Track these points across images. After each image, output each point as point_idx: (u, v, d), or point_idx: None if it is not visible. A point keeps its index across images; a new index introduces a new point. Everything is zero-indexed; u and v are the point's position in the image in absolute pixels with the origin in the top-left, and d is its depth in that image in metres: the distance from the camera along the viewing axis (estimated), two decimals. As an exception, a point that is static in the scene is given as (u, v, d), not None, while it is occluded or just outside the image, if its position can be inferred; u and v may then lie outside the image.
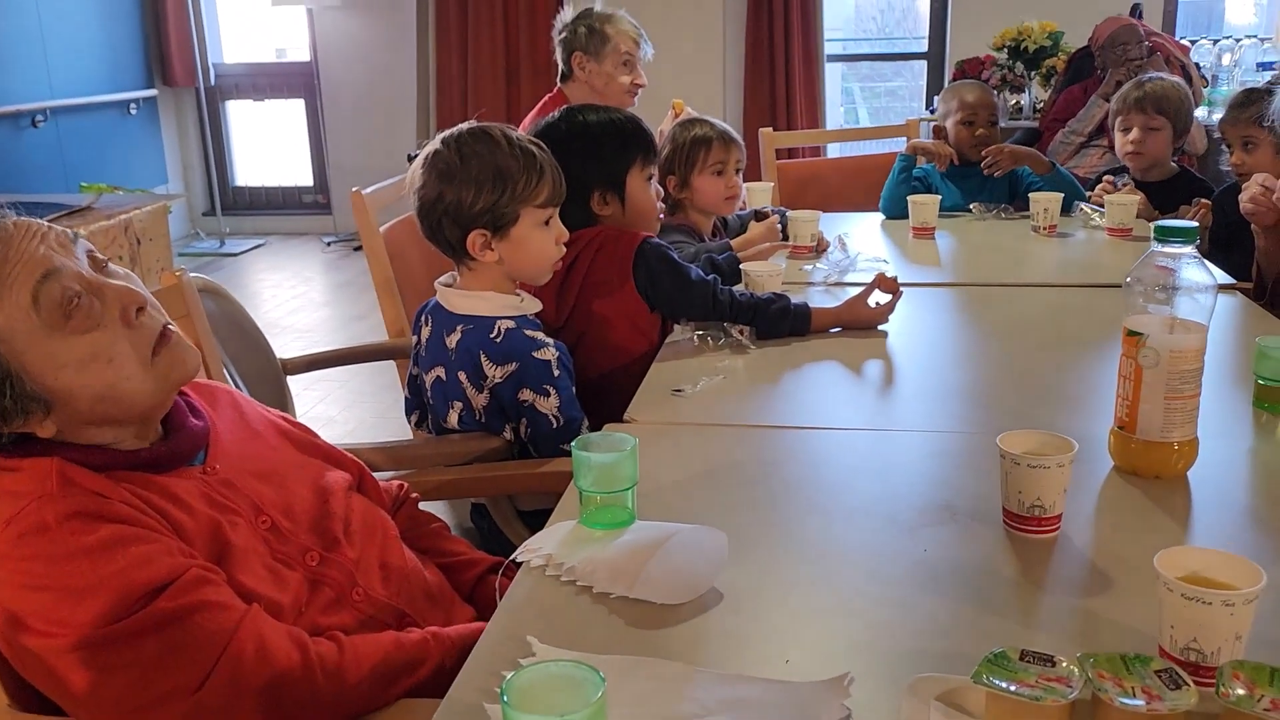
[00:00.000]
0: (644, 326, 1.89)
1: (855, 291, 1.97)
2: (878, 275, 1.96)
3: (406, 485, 1.50)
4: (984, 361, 1.84)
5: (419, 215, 1.67)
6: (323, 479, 1.30)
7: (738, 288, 1.96)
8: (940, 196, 2.75)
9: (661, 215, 2.09)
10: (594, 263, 1.87)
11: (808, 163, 4.15)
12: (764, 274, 2.00)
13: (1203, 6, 7.04)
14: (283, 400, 1.98)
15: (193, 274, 1.68)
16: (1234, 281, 2.28)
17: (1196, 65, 4.67)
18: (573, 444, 1.18)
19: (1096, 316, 2.03)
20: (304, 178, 7.06)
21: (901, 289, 1.95)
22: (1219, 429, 1.39)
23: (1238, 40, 5.37)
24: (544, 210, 1.65)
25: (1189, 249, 1.25)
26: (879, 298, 1.94)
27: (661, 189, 2.09)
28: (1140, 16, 4.71)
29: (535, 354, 1.64)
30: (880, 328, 1.92)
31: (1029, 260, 2.52)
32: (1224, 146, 2.72)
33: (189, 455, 1.16)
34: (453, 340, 1.67)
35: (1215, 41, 5.36)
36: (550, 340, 1.67)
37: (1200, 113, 4.31)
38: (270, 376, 1.91)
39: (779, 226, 2.45)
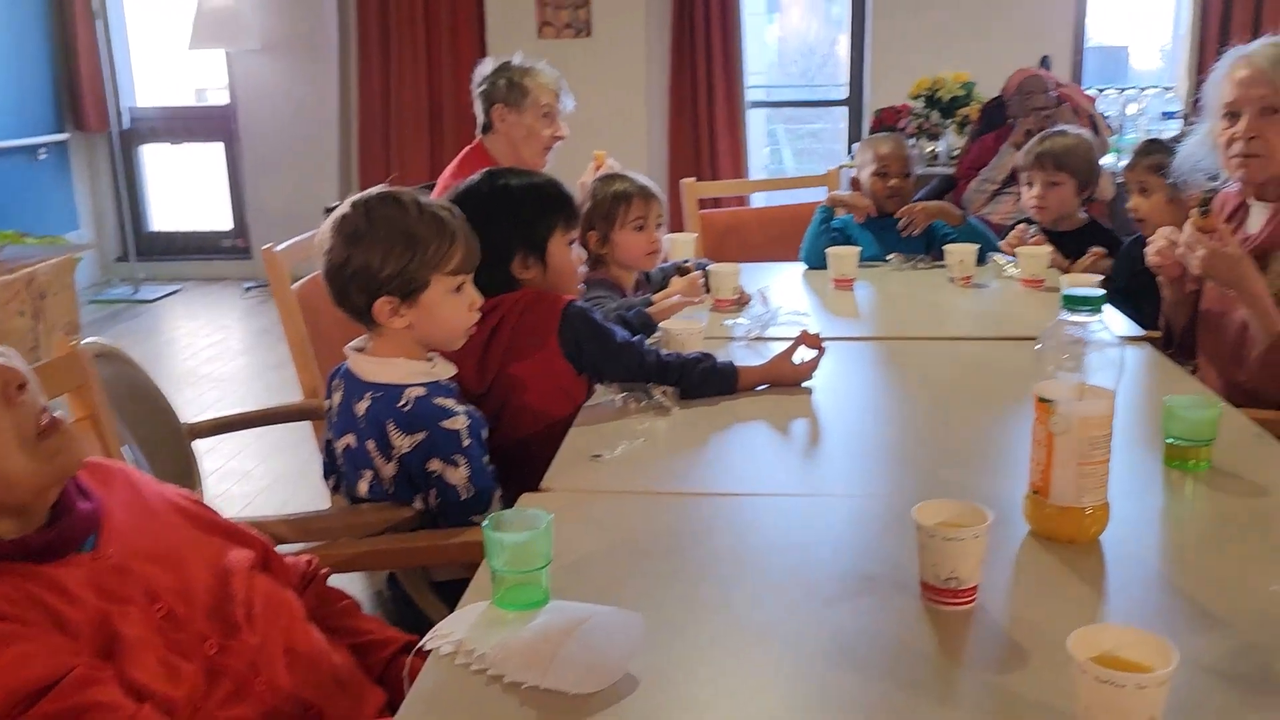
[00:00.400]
0: (569, 389, 1.86)
1: (778, 346, 1.97)
2: (801, 333, 1.97)
3: (315, 560, 1.44)
4: (904, 420, 1.85)
5: (326, 279, 1.63)
6: (224, 559, 1.24)
7: (664, 349, 1.95)
8: (859, 248, 2.78)
9: (584, 273, 2.07)
10: (518, 327, 1.84)
11: (730, 213, 4.18)
12: (684, 332, 1.99)
13: (1110, 55, 7.31)
14: (188, 467, 1.91)
15: (90, 339, 1.63)
16: (1143, 332, 2.33)
17: (1104, 115, 4.82)
18: (484, 523, 1.15)
19: (1012, 370, 2.05)
20: (223, 222, 6.92)
21: (824, 345, 1.96)
22: (1130, 489, 1.40)
23: (1142, 90, 5.57)
24: (455, 277, 1.62)
25: (1097, 317, 1.26)
26: (803, 354, 1.94)
27: (584, 250, 2.07)
28: (1049, 67, 4.87)
29: (443, 423, 1.60)
30: (804, 384, 1.92)
31: (947, 311, 2.55)
32: (1126, 192, 2.81)
33: (77, 541, 1.10)
34: (361, 408, 1.63)
35: (1121, 91, 5.55)
36: (461, 409, 1.63)
37: (1109, 159, 4.44)
38: (173, 442, 1.84)
39: (701, 281, 2.45)
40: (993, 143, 4.34)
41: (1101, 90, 5.49)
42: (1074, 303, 1.26)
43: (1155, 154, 2.66)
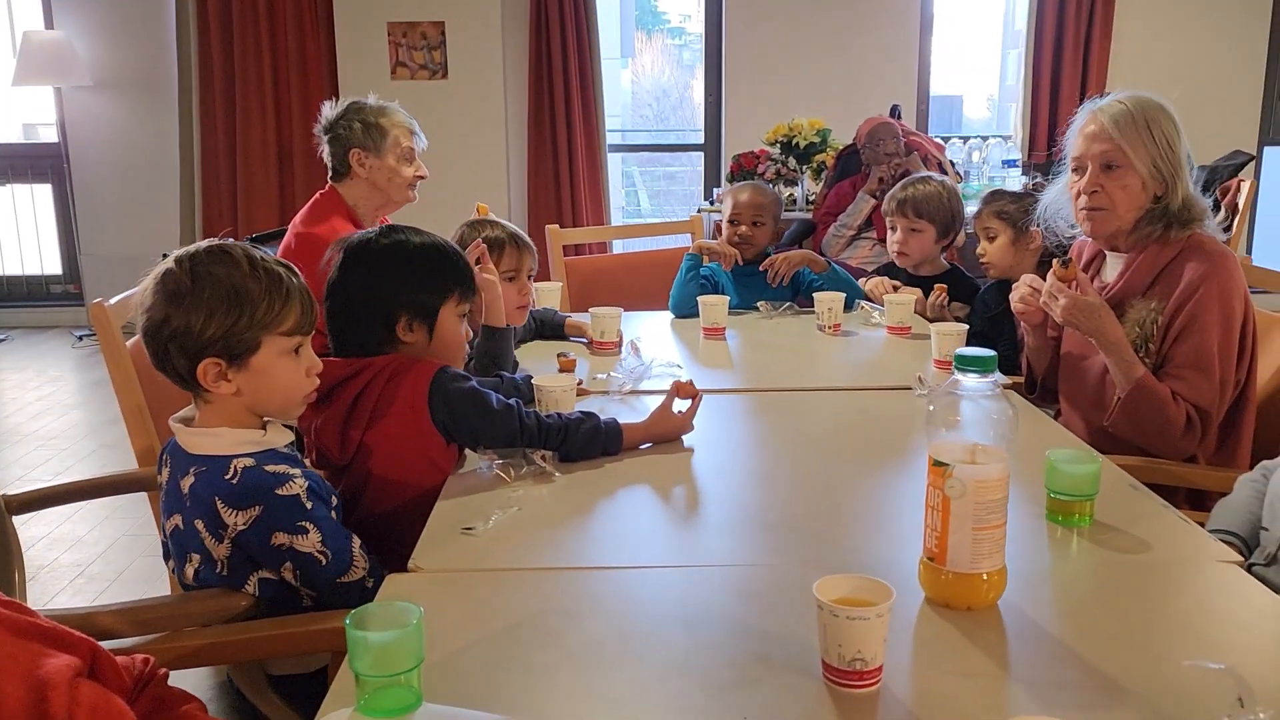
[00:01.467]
0: (438, 460, 1.73)
1: (652, 400, 1.91)
2: (675, 383, 1.90)
3: (152, 660, 1.28)
4: (787, 479, 1.79)
5: (144, 339, 1.48)
6: (40, 669, 1.07)
7: (538, 408, 1.86)
8: (729, 297, 2.75)
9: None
10: (384, 394, 1.70)
11: (596, 259, 4.12)
12: (557, 389, 1.90)
13: (946, 103, 7.64)
14: (5, 544, 1.70)
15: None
16: (1006, 379, 2.36)
17: (951, 162, 4.98)
18: (346, 620, 1.03)
19: (889, 420, 2.04)
20: (52, 266, 6.48)
21: (701, 393, 1.89)
22: (1018, 547, 1.37)
23: (985, 139, 5.80)
24: (290, 338, 1.49)
25: (989, 377, 1.23)
26: (680, 405, 1.87)
27: (471, 331, 1.94)
28: (899, 116, 5.00)
29: (279, 490, 1.44)
30: (686, 443, 1.85)
31: (819, 360, 2.53)
32: (975, 239, 2.89)
33: None
34: (186, 485, 1.47)
35: (965, 140, 5.77)
36: (297, 470, 1.48)
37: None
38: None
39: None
40: (849, 189, 4.42)
41: (947, 139, 5.69)
42: (966, 363, 1.23)
43: (998, 201, 2.78)
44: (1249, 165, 5.29)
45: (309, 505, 1.46)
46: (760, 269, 2.99)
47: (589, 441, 1.76)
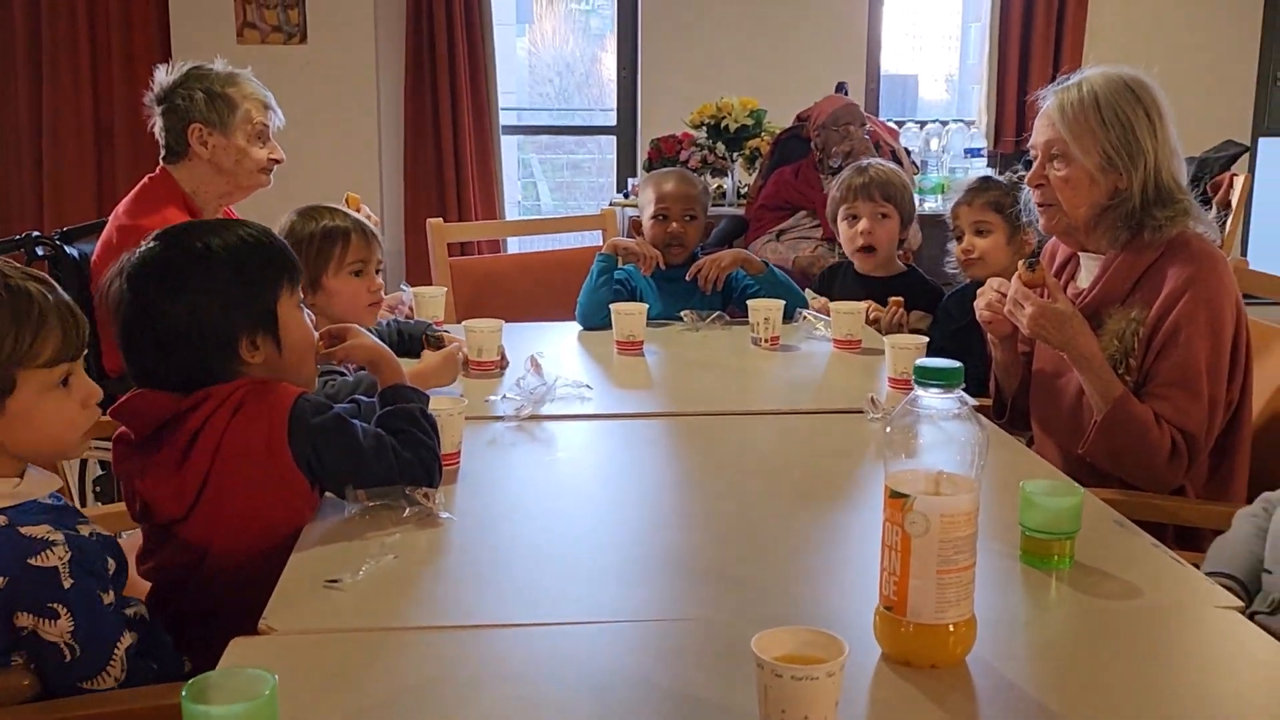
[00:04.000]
0: (298, 503, 1.68)
1: (555, 425, 1.95)
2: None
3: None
4: (717, 517, 1.79)
5: None
6: None
7: None
8: (647, 305, 2.76)
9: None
10: (229, 430, 1.64)
11: (488, 260, 4.12)
12: (444, 412, 1.88)
13: (900, 83, 7.80)
14: None
15: None
16: (972, 401, 2.40)
17: (906, 150, 5.09)
18: (183, 692, 1.00)
19: (835, 450, 2.07)
20: None
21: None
22: (988, 595, 1.39)
23: (944, 124, 5.94)
24: (52, 369, 1.44)
25: (955, 392, 1.25)
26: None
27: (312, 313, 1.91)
28: (846, 93, 5.09)
29: (32, 560, 1.38)
30: (598, 476, 1.85)
31: (754, 380, 2.56)
32: (953, 233, 2.92)
33: None
34: None
35: (922, 125, 5.90)
36: (59, 535, 1.42)
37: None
38: None
39: (461, 356, 2.36)
40: (791, 176, 4.48)
41: (901, 124, 5.81)
42: (928, 376, 1.25)
43: (992, 190, 2.80)
44: (1242, 158, 5.50)
45: (68, 583, 1.40)
46: (687, 277, 3.02)
47: (427, 437, 1.74)
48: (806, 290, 3.11)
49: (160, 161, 2.82)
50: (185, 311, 1.66)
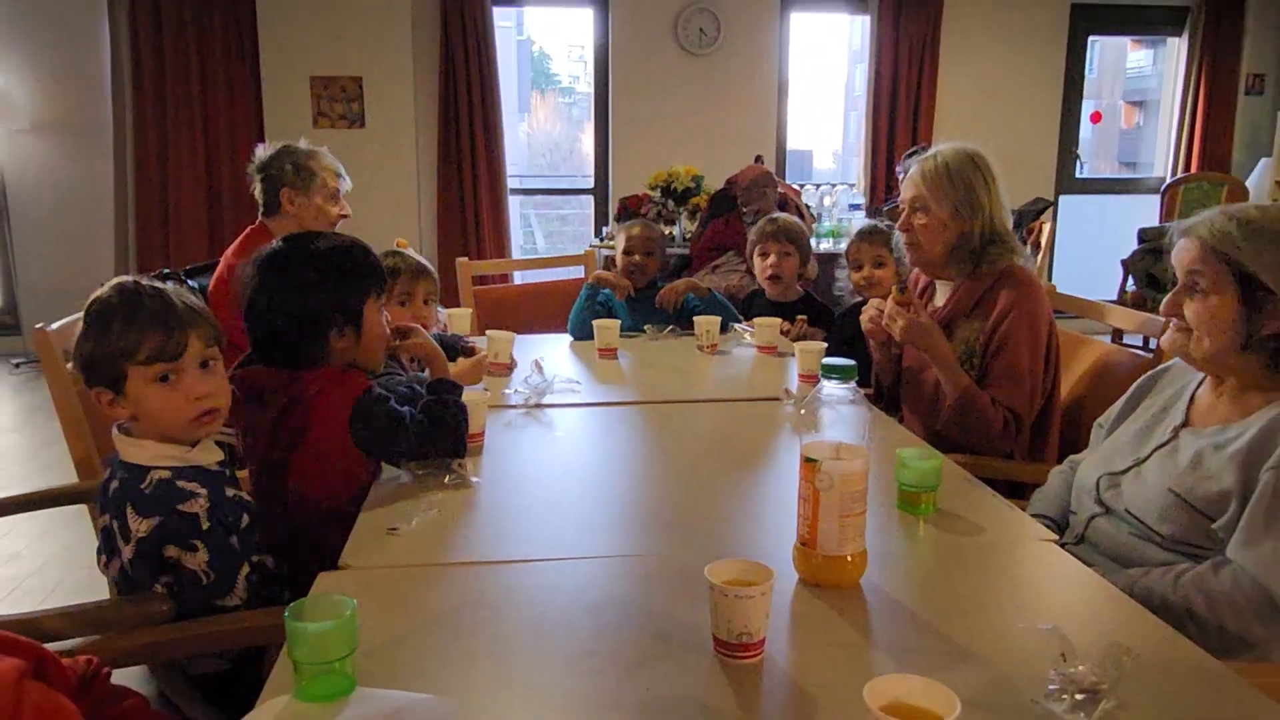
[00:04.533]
0: (357, 472, 1.65)
1: (555, 413, 1.92)
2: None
3: (96, 660, 1.19)
4: (676, 479, 1.77)
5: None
6: (-14, 673, 0.99)
7: None
8: (620, 320, 2.74)
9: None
10: (313, 407, 1.62)
11: (502, 288, 4.07)
12: (469, 403, 1.85)
13: (800, 156, 7.83)
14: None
15: None
16: (862, 390, 2.40)
17: (807, 205, 5.09)
18: (285, 612, 0.98)
19: (760, 427, 2.06)
20: (-11, 297, 6.09)
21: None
22: (875, 534, 1.39)
23: (833, 186, 5.95)
24: (151, 366, 1.37)
25: (850, 383, 1.25)
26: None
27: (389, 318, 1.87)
28: (762, 163, 5.08)
29: (181, 506, 1.36)
30: (588, 450, 1.83)
31: (699, 376, 2.55)
32: (848, 265, 2.93)
33: None
34: (112, 488, 1.39)
35: (817, 186, 5.91)
36: (204, 490, 1.39)
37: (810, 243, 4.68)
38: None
39: (485, 363, 2.34)
40: (723, 226, 4.46)
41: (803, 186, 5.82)
42: (832, 371, 1.25)
43: (884, 233, 2.80)
44: (1048, 210, 5.56)
45: (205, 525, 1.38)
46: (656, 303, 3.02)
47: (458, 419, 1.70)
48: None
49: (259, 216, 2.78)
50: (294, 294, 1.62)
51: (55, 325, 1.91)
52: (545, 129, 9.69)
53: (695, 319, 2.77)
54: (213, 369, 1.44)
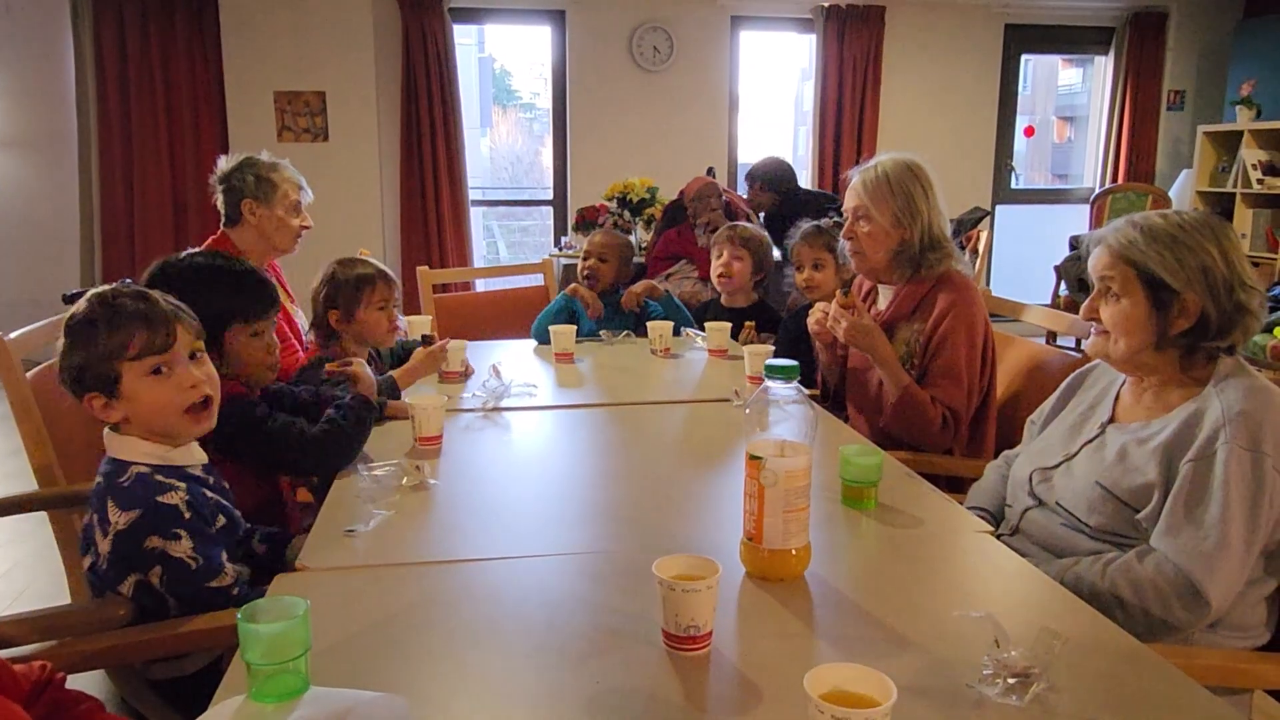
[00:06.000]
0: (250, 480, 1.64)
1: (512, 416, 1.88)
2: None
3: (50, 665, 1.15)
4: (628, 478, 1.76)
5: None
6: (-67, 681, 0.95)
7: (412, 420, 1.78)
8: (574, 326, 2.73)
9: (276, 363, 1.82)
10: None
11: (461, 296, 4.04)
12: (429, 408, 1.83)
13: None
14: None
15: None
16: (806, 390, 2.41)
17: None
18: (239, 614, 0.95)
19: (710, 427, 2.05)
20: (-48, 309, 5.90)
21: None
22: (819, 528, 1.39)
23: (782, 196, 5.96)
24: (143, 360, 1.35)
25: (793, 383, 1.25)
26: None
27: (276, 341, 1.80)
28: (714, 175, 5.10)
29: (159, 498, 1.33)
30: (542, 450, 1.81)
31: (652, 379, 2.54)
32: (794, 265, 2.91)
33: None
34: (96, 483, 1.36)
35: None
36: (182, 484, 1.36)
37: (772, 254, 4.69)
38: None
39: (444, 351, 2.32)
40: (675, 236, 4.47)
41: (752, 196, 5.83)
42: (774, 371, 1.24)
43: (824, 235, 2.74)
44: (985, 219, 5.64)
45: (187, 515, 1.34)
46: (621, 305, 3.02)
47: (359, 423, 1.73)
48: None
49: (221, 226, 2.72)
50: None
51: (13, 335, 1.85)
52: (507, 143, 9.65)
53: (649, 324, 2.77)
54: (200, 360, 1.43)
